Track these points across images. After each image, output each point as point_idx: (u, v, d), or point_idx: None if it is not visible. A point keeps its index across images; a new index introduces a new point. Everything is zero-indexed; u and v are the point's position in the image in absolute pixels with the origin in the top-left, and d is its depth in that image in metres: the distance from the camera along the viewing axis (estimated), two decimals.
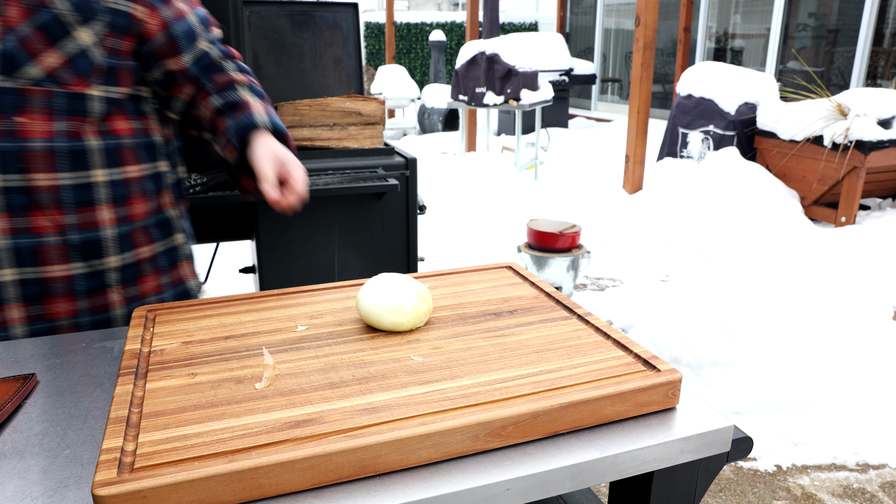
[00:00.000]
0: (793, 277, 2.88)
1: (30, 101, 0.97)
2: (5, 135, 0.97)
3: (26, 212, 1.00)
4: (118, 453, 0.60)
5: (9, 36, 0.95)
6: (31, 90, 0.97)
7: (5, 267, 1.01)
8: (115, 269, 1.09)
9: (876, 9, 6.77)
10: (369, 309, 0.86)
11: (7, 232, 1.00)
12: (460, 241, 4.25)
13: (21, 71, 0.96)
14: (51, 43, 0.97)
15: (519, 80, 5.61)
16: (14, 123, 0.97)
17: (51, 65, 0.98)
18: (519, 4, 16.86)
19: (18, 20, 0.95)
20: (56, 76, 0.98)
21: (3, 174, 0.98)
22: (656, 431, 0.70)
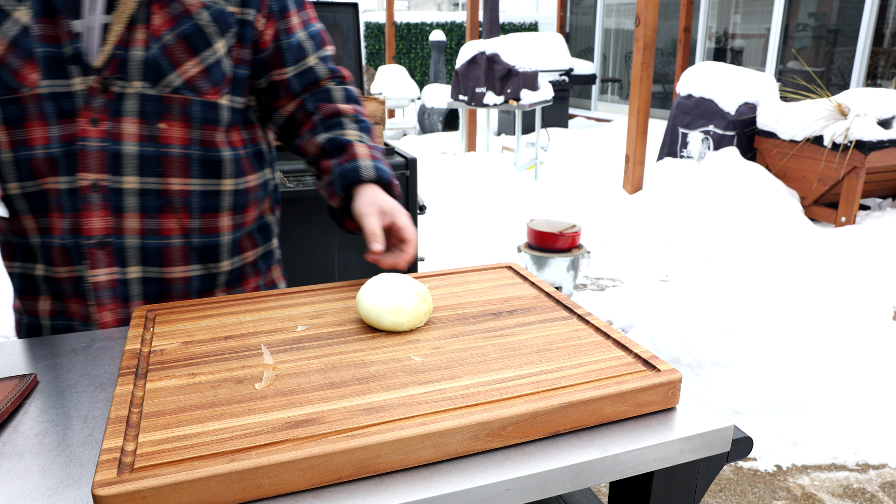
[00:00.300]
0: (793, 277, 2.88)
1: (170, 108, 1.01)
2: (148, 140, 1.01)
3: (158, 214, 1.04)
4: (118, 453, 0.60)
5: (154, 45, 0.98)
6: (172, 98, 1.01)
7: (132, 265, 1.05)
8: (225, 272, 1.14)
9: (876, 9, 6.77)
10: (369, 309, 0.85)
11: (138, 232, 1.04)
12: (460, 241, 4.25)
13: (165, 79, 1.00)
14: (192, 53, 1.01)
15: (519, 80, 5.61)
16: (157, 129, 1.01)
17: (190, 74, 1.01)
18: (519, 4, 16.87)
19: (163, 29, 0.98)
20: (194, 85, 1.02)
21: (141, 177, 1.02)
22: (656, 431, 0.70)
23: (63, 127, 0.97)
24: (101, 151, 0.98)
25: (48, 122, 0.97)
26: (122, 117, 0.99)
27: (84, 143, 0.97)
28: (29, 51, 0.94)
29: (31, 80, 0.95)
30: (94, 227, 1.01)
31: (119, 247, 1.03)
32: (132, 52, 0.97)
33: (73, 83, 0.96)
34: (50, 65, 0.95)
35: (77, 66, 0.96)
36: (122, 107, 0.98)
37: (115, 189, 1.01)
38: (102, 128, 0.98)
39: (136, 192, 1.02)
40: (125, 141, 0.99)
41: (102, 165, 0.99)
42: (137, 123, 1.00)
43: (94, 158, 0.98)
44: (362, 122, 1.14)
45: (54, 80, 0.96)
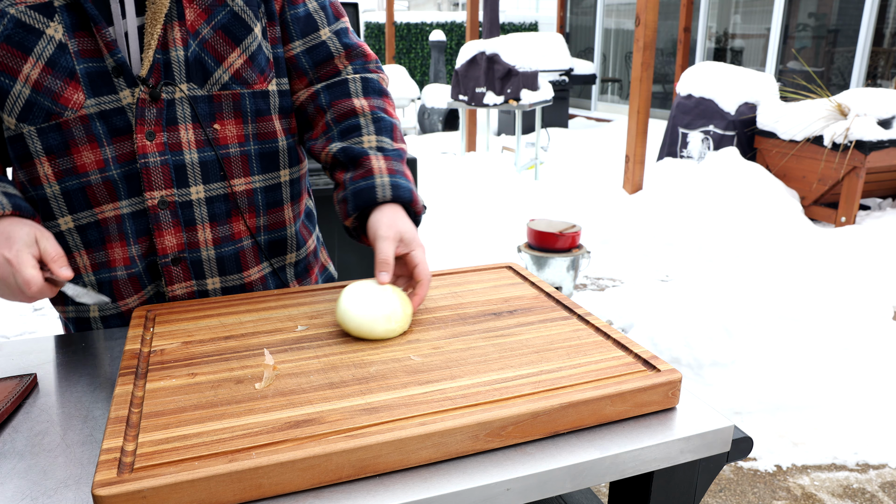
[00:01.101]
0: (793, 277, 2.88)
1: (221, 106, 0.96)
2: (205, 144, 0.95)
3: (228, 219, 1.00)
4: (118, 453, 0.60)
5: (192, 41, 0.92)
6: (221, 95, 0.95)
7: (210, 276, 1.01)
8: (292, 264, 1.11)
9: (876, 9, 6.77)
10: (360, 319, 0.82)
11: (212, 242, 1.00)
12: (460, 241, 4.25)
13: (211, 77, 0.94)
14: (234, 43, 0.94)
15: (519, 80, 5.61)
16: (212, 132, 0.96)
17: (236, 66, 0.95)
18: (519, 4, 16.87)
19: (199, 23, 0.92)
20: (242, 77, 0.96)
21: (206, 184, 0.97)
22: (656, 431, 0.70)
23: (117, 146, 0.91)
24: (164, 166, 0.92)
25: (101, 143, 0.90)
26: (177, 125, 0.93)
27: (145, 160, 0.91)
28: (70, 69, 0.86)
29: (75, 101, 0.87)
30: (167, 245, 0.96)
31: (195, 260, 0.99)
32: (173, 54, 0.90)
33: (121, 97, 0.89)
34: (94, 81, 0.88)
35: (122, 79, 0.89)
36: (174, 114, 0.92)
37: (184, 202, 0.95)
38: (159, 140, 0.91)
39: (203, 201, 0.97)
40: (185, 150, 0.94)
41: (167, 180, 0.93)
42: (193, 129, 0.94)
43: (157, 174, 0.92)
44: (382, 119, 1.03)
45: (101, 98, 0.88)
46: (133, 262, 0.97)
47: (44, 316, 3.37)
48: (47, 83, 0.86)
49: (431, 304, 0.94)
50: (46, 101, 0.87)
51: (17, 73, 0.86)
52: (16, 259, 0.80)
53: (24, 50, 0.85)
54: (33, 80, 0.86)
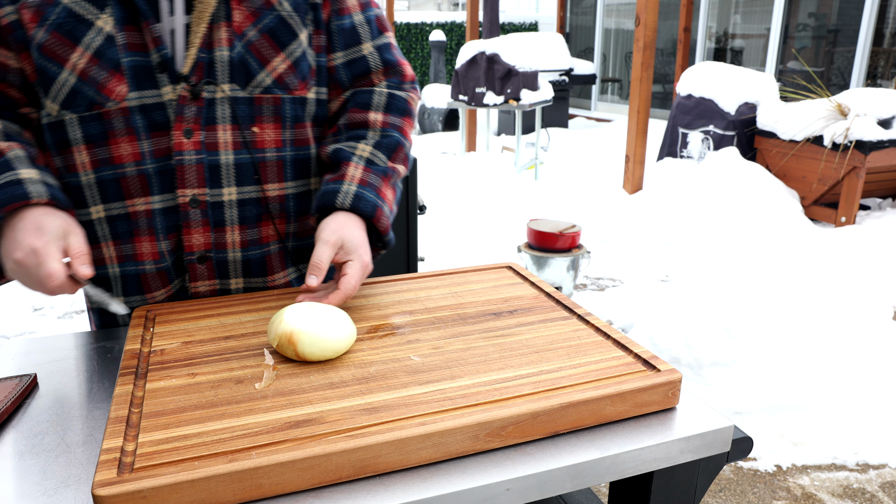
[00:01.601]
0: (793, 277, 2.88)
1: (262, 109, 0.96)
2: (242, 146, 0.96)
3: (258, 223, 1.00)
4: (118, 453, 0.60)
5: (238, 43, 0.92)
6: (262, 98, 0.96)
7: (234, 277, 1.02)
8: None
9: (876, 9, 6.77)
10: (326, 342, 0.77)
11: (239, 245, 1.00)
12: (460, 241, 4.25)
13: (254, 80, 0.94)
14: (279, 47, 0.95)
15: (519, 80, 5.61)
16: (250, 134, 0.96)
17: (280, 70, 0.96)
18: (519, 4, 16.86)
19: (246, 25, 0.92)
20: (284, 82, 0.97)
21: (239, 186, 0.97)
22: (656, 431, 0.70)
23: (155, 141, 0.91)
24: (199, 164, 0.93)
25: (139, 136, 0.91)
26: (216, 125, 0.93)
27: (181, 157, 0.92)
28: (115, 61, 0.87)
29: (118, 92, 0.88)
30: (194, 243, 0.96)
31: (220, 260, 0.99)
32: (217, 53, 0.91)
33: (163, 93, 0.90)
34: (138, 75, 0.89)
35: (165, 75, 0.90)
36: (214, 114, 0.93)
37: (216, 203, 0.96)
38: (197, 139, 0.92)
39: (235, 203, 0.97)
40: (221, 150, 0.94)
41: (201, 179, 0.94)
42: (231, 130, 0.94)
43: (191, 172, 0.93)
44: (389, 136, 1.03)
45: (143, 92, 0.89)
46: (162, 257, 0.97)
47: (44, 316, 3.37)
48: (93, 73, 0.87)
49: (431, 304, 0.94)
50: (90, 90, 0.88)
51: (64, 62, 0.87)
52: (43, 250, 0.80)
53: (74, 39, 0.86)
54: (80, 70, 0.87)
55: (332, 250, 0.91)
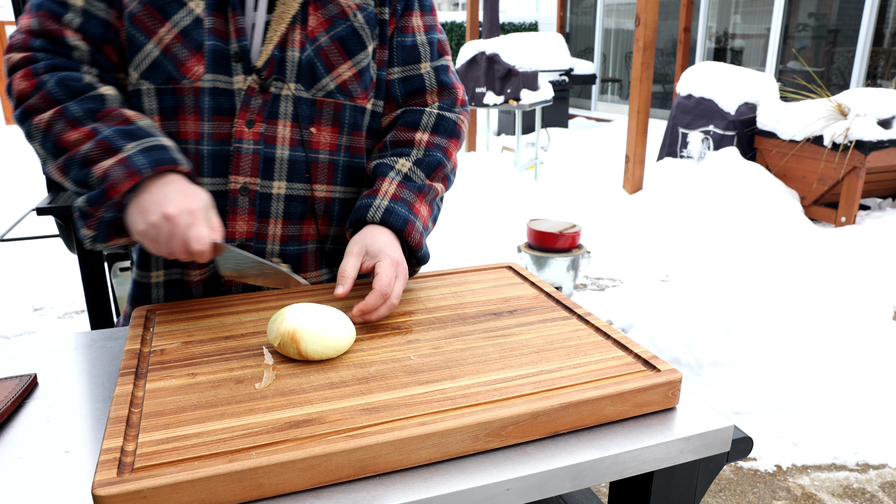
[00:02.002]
0: (793, 277, 2.88)
1: (322, 112, 1.00)
2: (298, 144, 0.99)
3: (300, 220, 1.03)
4: (118, 453, 0.60)
5: (308, 46, 0.96)
6: (324, 102, 0.99)
7: None
8: None
9: (876, 9, 6.77)
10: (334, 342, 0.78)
11: (280, 238, 1.02)
12: (460, 241, 4.25)
13: (319, 83, 0.98)
14: (347, 56, 0.99)
15: (519, 80, 5.61)
16: (308, 134, 1.00)
17: (344, 77, 1.00)
18: (519, 4, 16.85)
19: (319, 30, 0.97)
20: (347, 89, 1.00)
21: (290, 182, 1.00)
22: (656, 431, 0.70)
23: (216, 125, 0.95)
24: (255, 154, 0.96)
25: (202, 117, 0.95)
26: (277, 120, 0.97)
27: (239, 145, 0.95)
28: (198, 43, 0.92)
29: (195, 72, 0.92)
30: (237, 230, 0.99)
31: (259, 250, 1.02)
32: (289, 53, 0.95)
33: (234, 81, 0.94)
34: (216, 59, 0.93)
35: (240, 65, 0.94)
36: (277, 109, 0.97)
37: (264, 194, 0.99)
38: (257, 129, 0.96)
39: (282, 197, 1.00)
40: (278, 144, 0.98)
41: (254, 169, 0.97)
42: (290, 127, 0.98)
43: (246, 161, 0.96)
44: (431, 155, 1.04)
45: (217, 76, 0.94)
46: None
47: (44, 316, 3.37)
48: (175, 50, 0.92)
49: (431, 304, 0.94)
50: (170, 65, 0.92)
51: (152, 34, 0.91)
52: (198, 213, 0.85)
53: (164, 15, 0.91)
54: (164, 44, 0.92)
55: (357, 259, 0.92)
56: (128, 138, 0.87)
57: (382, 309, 0.87)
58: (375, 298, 0.87)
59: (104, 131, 0.87)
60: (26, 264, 3.93)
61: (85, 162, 0.86)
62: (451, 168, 1.07)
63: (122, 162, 0.84)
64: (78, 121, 0.88)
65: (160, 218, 0.83)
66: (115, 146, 0.86)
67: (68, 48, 0.92)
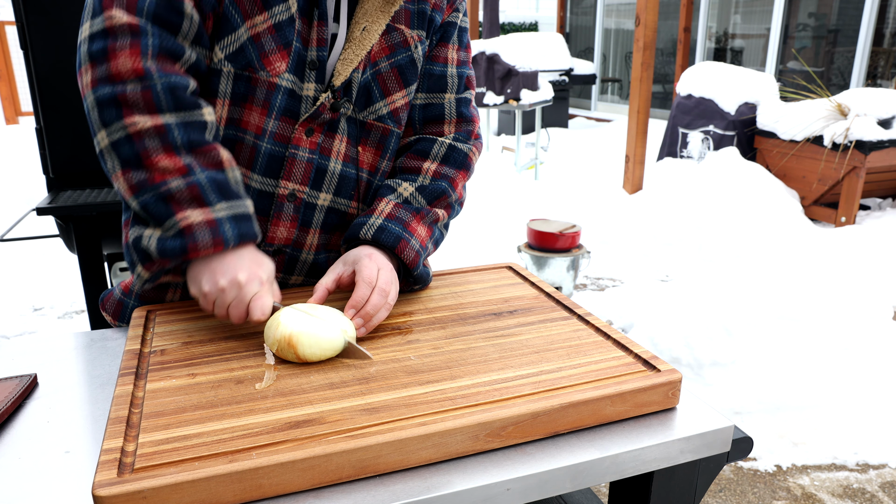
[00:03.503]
0: (793, 277, 2.88)
1: (369, 133, 1.01)
2: (351, 161, 1.00)
3: (334, 232, 1.04)
4: (118, 453, 0.60)
5: (369, 70, 0.97)
6: (373, 125, 1.00)
7: (296, 275, 1.05)
8: None
9: (876, 9, 6.77)
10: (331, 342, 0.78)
11: (315, 248, 1.03)
12: (460, 241, 4.25)
13: (372, 106, 0.99)
14: (402, 84, 1.00)
15: (519, 80, 5.61)
16: (356, 152, 1.01)
17: (397, 105, 1.01)
18: (519, 4, 16.85)
19: (380, 56, 0.97)
20: (397, 116, 1.02)
21: (335, 195, 1.01)
22: (656, 431, 0.70)
23: (281, 125, 0.95)
24: (308, 164, 0.97)
25: (269, 114, 0.94)
26: (335, 134, 0.98)
27: (295, 151, 0.95)
28: (288, 40, 0.91)
29: (277, 67, 0.92)
30: (278, 235, 0.99)
31: (293, 257, 1.02)
32: (354, 75, 0.96)
33: (304, 87, 0.94)
34: (297, 62, 0.93)
35: (314, 73, 0.94)
36: (336, 124, 0.97)
37: (310, 203, 0.99)
38: (315, 139, 0.96)
39: (325, 209, 1.01)
40: (332, 157, 0.98)
41: (305, 177, 0.97)
42: (346, 143, 0.99)
43: (299, 168, 0.96)
44: (436, 184, 1.03)
45: (295, 78, 0.93)
46: None
47: (44, 316, 3.37)
48: (265, 40, 0.91)
49: (431, 304, 0.94)
50: (254, 54, 0.91)
51: (248, 18, 0.90)
52: (266, 283, 0.85)
53: (265, 4, 0.90)
54: (256, 32, 0.90)
55: (333, 273, 0.93)
56: (220, 194, 0.84)
57: (375, 297, 0.86)
58: (363, 289, 0.87)
59: (198, 174, 0.83)
60: (26, 264, 3.93)
61: (168, 198, 0.82)
62: (455, 198, 1.06)
63: (211, 225, 0.82)
64: (176, 149, 0.83)
65: (230, 283, 0.82)
66: (207, 199, 0.82)
67: (181, 15, 0.85)
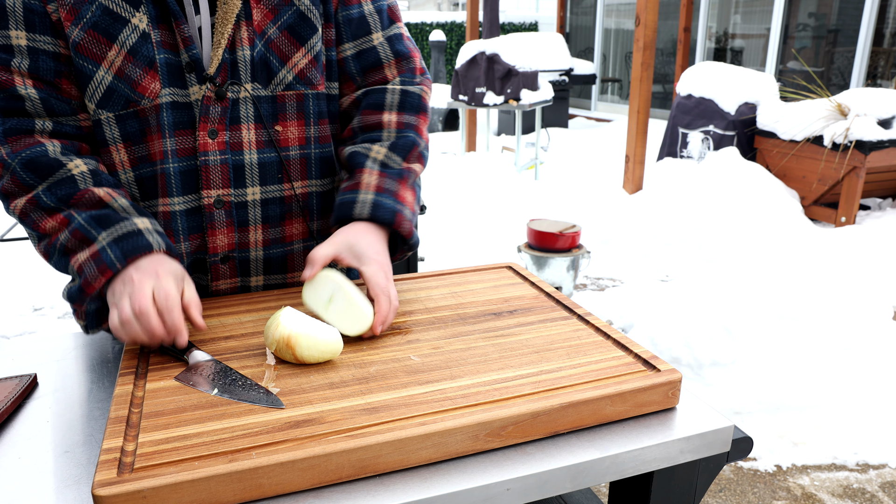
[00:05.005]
0: (793, 277, 2.88)
1: (284, 107, 0.96)
2: (266, 145, 0.96)
3: (281, 222, 1.00)
4: (118, 453, 0.60)
5: (258, 41, 0.92)
6: (285, 96, 0.96)
7: (255, 275, 1.02)
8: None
9: (876, 9, 6.77)
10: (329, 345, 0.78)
11: (262, 244, 1.00)
12: (460, 241, 4.25)
13: (276, 77, 0.94)
14: (299, 43, 0.95)
15: (519, 80, 5.60)
16: (274, 133, 0.96)
17: (301, 66, 0.96)
18: (519, 4, 16.84)
19: (265, 23, 0.92)
20: (306, 78, 0.96)
21: (263, 186, 0.97)
22: (656, 431, 0.70)
23: (179, 140, 0.91)
24: (223, 165, 0.93)
25: (164, 134, 0.90)
26: (240, 125, 0.93)
27: (205, 158, 0.92)
28: (150, 58, 0.88)
29: (152, 89, 0.88)
30: (219, 244, 0.96)
31: (243, 259, 0.99)
32: (239, 53, 0.91)
33: (190, 93, 0.90)
34: (171, 73, 0.89)
35: (193, 75, 0.90)
36: (238, 114, 0.93)
37: (240, 203, 0.96)
38: (221, 139, 0.92)
39: (258, 203, 0.97)
40: (245, 150, 0.94)
41: (225, 179, 0.94)
42: (255, 129, 0.94)
43: (216, 173, 0.93)
44: (403, 136, 1.01)
45: (174, 89, 0.90)
46: (180, 259, 0.95)
47: (44, 316, 3.37)
48: (128, 71, 0.88)
49: (431, 304, 0.94)
50: (126, 88, 0.88)
51: (101, 60, 0.87)
52: (164, 283, 0.80)
53: (109, 37, 0.86)
54: (116, 67, 0.87)
55: (333, 249, 0.90)
56: (100, 226, 0.84)
57: (391, 315, 0.87)
58: (384, 304, 0.86)
59: (76, 219, 0.84)
60: (26, 264, 3.93)
61: (63, 251, 0.85)
62: (424, 145, 1.04)
63: (94, 257, 0.82)
64: (52, 209, 0.85)
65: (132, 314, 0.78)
66: (89, 237, 0.83)
67: (20, 99, 0.86)
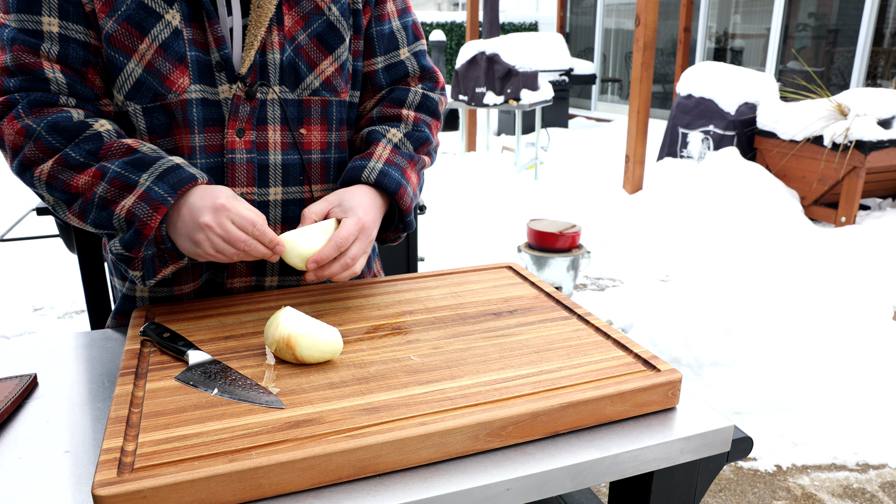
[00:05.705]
0: (793, 277, 2.88)
1: (309, 111, 0.99)
2: (290, 147, 0.99)
3: (298, 223, 1.00)
4: (118, 453, 0.60)
5: (288, 47, 0.95)
6: (311, 100, 0.99)
7: (269, 274, 1.04)
8: None
9: (876, 9, 6.77)
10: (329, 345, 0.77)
11: None
12: (460, 241, 4.25)
13: (303, 82, 0.97)
14: (327, 51, 0.98)
15: (519, 80, 5.60)
16: (298, 136, 0.99)
17: (327, 73, 0.99)
18: (519, 4, 16.84)
19: (296, 29, 0.95)
20: (331, 85, 1.00)
21: (285, 186, 1.00)
22: (656, 431, 0.70)
23: (208, 136, 0.94)
24: (249, 164, 0.95)
25: (192, 130, 0.93)
26: (266, 125, 0.96)
27: (232, 156, 0.94)
28: (180, 54, 0.90)
29: (181, 84, 0.90)
30: None
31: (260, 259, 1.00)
32: (269, 56, 0.94)
33: (219, 91, 0.93)
34: (201, 70, 0.91)
35: (223, 74, 0.92)
36: (265, 114, 0.96)
37: (261, 202, 0.98)
38: (248, 138, 0.95)
39: (279, 203, 1.00)
40: (270, 150, 0.97)
41: (250, 178, 0.96)
42: (280, 131, 0.97)
43: (241, 171, 0.95)
44: (419, 130, 1.06)
45: (204, 87, 0.92)
46: None
47: (44, 316, 3.37)
48: (158, 64, 0.89)
49: (431, 304, 0.94)
50: (155, 81, 0.90)
51: (132, 52, 0.89)
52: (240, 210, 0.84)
53: (142, 30, 0.88)
54: (146, 61, 0.89)
55: (325, 205, 0.93)
56: (138, 169, 0.85)
57: (336, 266, 0.88)
58: (329, 249, 0.88)
59: (111, 168, 0.85)
60: (26, 264, 3.93)
61: (103, 203, 0.85)
62: (435, 145, 1.09)
63: (143, 198, 0.83)
64: (82, 165, 0.86)
65: (201, 232, 0.83)
66: (130, 181, 0.84)
67: (45, 81, 0.87)
